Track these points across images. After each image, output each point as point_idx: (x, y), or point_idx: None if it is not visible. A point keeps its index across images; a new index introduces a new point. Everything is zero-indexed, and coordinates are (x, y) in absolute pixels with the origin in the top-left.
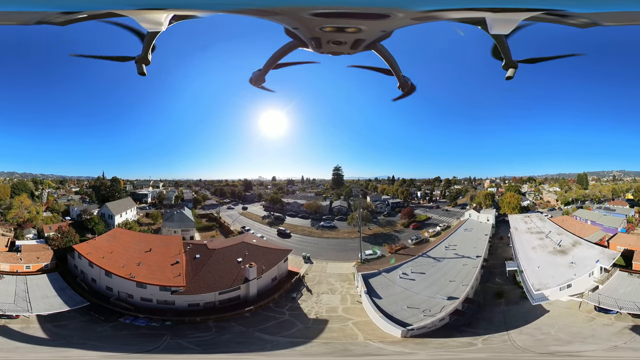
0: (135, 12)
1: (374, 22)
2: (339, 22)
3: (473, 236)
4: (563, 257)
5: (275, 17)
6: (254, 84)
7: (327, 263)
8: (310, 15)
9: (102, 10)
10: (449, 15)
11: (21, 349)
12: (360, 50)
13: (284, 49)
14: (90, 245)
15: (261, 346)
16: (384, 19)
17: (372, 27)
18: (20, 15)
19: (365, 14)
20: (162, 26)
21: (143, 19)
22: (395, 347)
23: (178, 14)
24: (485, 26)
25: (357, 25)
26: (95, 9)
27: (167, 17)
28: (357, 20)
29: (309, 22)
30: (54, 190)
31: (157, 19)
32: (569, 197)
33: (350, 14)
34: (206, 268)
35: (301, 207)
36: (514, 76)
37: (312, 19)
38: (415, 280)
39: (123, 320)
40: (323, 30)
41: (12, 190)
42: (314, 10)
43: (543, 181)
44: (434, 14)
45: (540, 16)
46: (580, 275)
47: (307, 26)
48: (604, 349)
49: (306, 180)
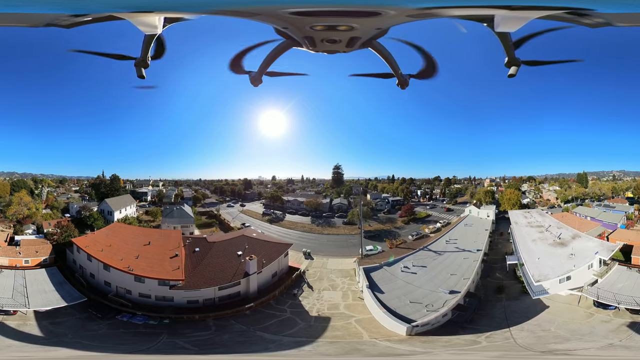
0: (132, 15)
1: (365, 19)
2: (329, 20)
3: (473, 231)
4: (563, 249)
5: (256, 17)
6: (253, 84)
7: (327, 259)
8: (293, 14)
9: (104, 14)
10: (449, 12)
11: (12, 347)
12: (357, 48)
13: (277, 49)
14: (89, 238)
15: (264, 346)
16: (375, 17)
17: (365, 24)
18: (31, 17)
19: (355, 11)
20: (157, 29)
21: (139, 22)
22: (403, 346)
23: (168, 16)
24: (490, 23)
25: (349, 23)
26: (96, 11)
27: (160, 20)
28: (348, 18)
29: (296, 22)
30: (54, 189)
31: (151, 22)
32: (569, 195)
33: (339, 12)
34: (206, 261)
35: (301, 205)
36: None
37: (299, 19)
38: (417, 273)
39: (120, 317)
40: (314, 29)
41: (11, 187)
42: (292, 9)
43: (543, 181)
44: (431, 11)
45: (557, 15)
46: (580, 267)
47: (296, 25)
48: (598, 348)
49: (306, 179)
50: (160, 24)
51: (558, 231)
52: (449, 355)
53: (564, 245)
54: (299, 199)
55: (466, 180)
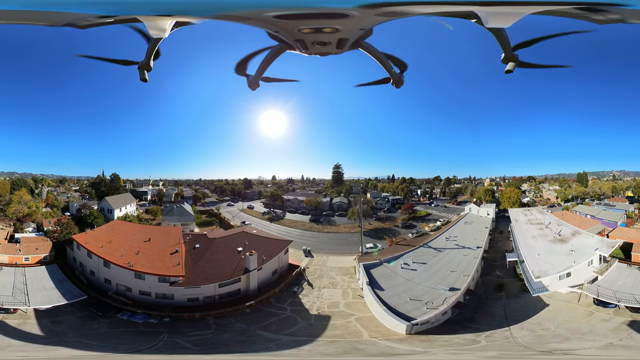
0: (150, 19)
1: (340, 20)
2: (314, 22)
3: (473, 229)
4: (563, 245)
5: (247, 21)
6: (251, 87)
7: (327, 257)
8: (275, 17)
9: (128, 16)
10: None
11: (12, 347)
12: (347, 49)
13: (272, 53)
14: (89, 235)
15: (265, 345)
16: (345, 18)
17: (347, 25)
18: (51, 15)
19: (324, 13)
20: (165, 32)
21: (153, 25)
22: (403, 345)
23: (180, 20)
24: (479, 20)
25: (332, 25)
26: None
27: (170, 24)
28: (330, 20)
29: (284, 25)
30: (54, 188)
31: (162, 26)
32: (569, 194)
33: (321, 15)
34: (206, 257)
35: (301, 204)
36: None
37: (286, 22)
38: (417, 270)
39: (120, 316)
40: (302, 32)
41: (11, 186)
42: (274, 12)
43: (543, 180)
44: (397, 8)
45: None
46: (580, 263)
47: (285, 29)
48: (597, 347)
49: (306, 179)
50: (169, 28)
51: (558, 228)
52: (448, 355)
53: (564, 241)
54: (299, 198)
55: (466, 180)
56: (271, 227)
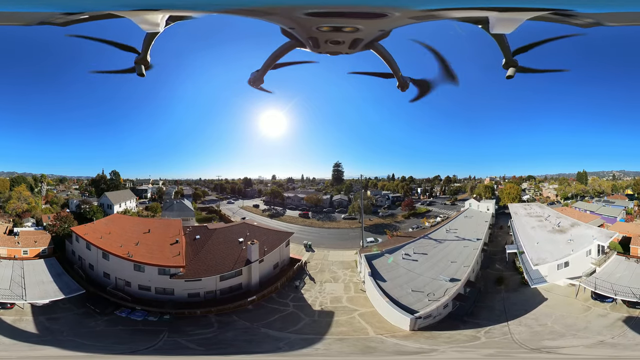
0: (133, 14)
1: (371, 21)
2: (335, 21)
3: (473, 222)
4: (561, 235)
5: (270, 17)
6: (253, 85)
7: (328, 251)
8: (305, 15)
9: (102, 12)
10: (450, 14)
11: (2, 346)
12: (359, 50)
13: (281, 50)
14: (89, 227)
15: (273, 345)
16: (381, 18)
17: (369, 26)
18: (23, 15)
19: (362, 13)
20: (159, 27)
21: (141, 20)
22: (409, 342)
23: (174, 15)
24: (486, 25)
25: (354, 24)
26: (95, 9)
27: (163, 18)
28: (354, 19)
29: (304, 22)
30: (54, 187)
31: (153, 20)
32: (569, 192)
33: (347, 14)
34: (206, 248)
35: (302, 201)
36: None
37: (307, 19)
38: (418, 260)
39: (119, 313)
40: (320, 30)
41: (10, 184)
42: (308, 9)
43: (543, 180)
44: (434, 13)
45: (546, 15)
46: (578, 251)
47: (303, 26)
48: (586, 346)
49: (306, 179)
50: (162, 22)
51: (557, 220)
52: (454, 353)
53: (563, 232)
54: (299, 195)
55: (466, 179)
56: (272, 223)
